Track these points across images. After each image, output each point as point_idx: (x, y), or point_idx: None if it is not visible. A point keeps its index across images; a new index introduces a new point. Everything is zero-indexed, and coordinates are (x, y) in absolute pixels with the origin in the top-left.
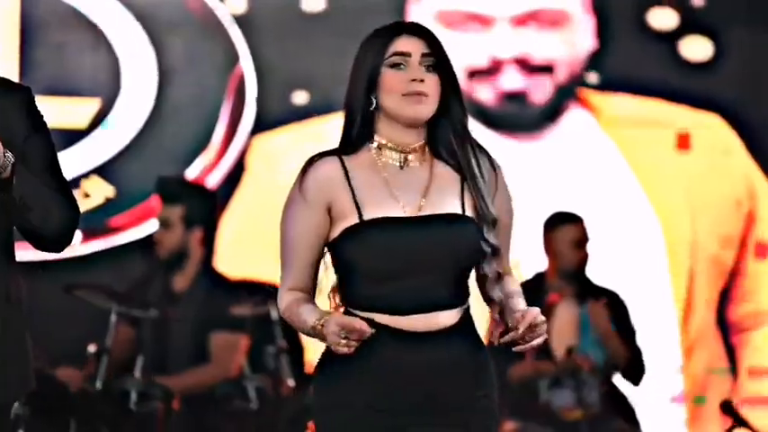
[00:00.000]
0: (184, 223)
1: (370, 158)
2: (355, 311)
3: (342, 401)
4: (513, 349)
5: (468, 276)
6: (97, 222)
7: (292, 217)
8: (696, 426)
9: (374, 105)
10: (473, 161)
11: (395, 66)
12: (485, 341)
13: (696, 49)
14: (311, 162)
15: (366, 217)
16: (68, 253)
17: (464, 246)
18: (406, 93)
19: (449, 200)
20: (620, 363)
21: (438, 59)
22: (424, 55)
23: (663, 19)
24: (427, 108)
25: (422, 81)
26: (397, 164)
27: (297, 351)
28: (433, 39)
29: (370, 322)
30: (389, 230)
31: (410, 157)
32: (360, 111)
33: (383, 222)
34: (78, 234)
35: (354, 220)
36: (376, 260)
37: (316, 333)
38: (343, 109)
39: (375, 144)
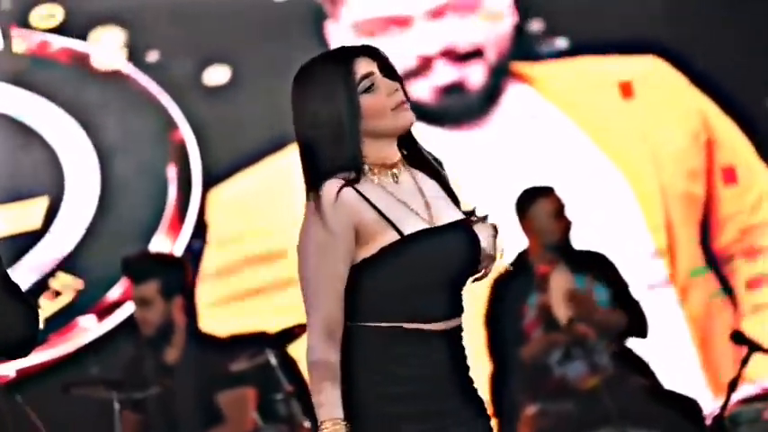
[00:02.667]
0: (163, 296)
1: (367, 179)
2: (377, 323)
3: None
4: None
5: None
6: (71, 319)
7: (318, 253)
8: (708, 362)
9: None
10: (435, 161)
11: (368, 90)
12: None
13: None
14: (320, 191)
15: (406, 232)
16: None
17: (478, 248)
18: (394, 107)
19: (446, 205)
20: (620, 327)
21: (390, 68)
22: (380, 68)
23: None
24: (411, 112)
25: (396, 90)
26: (392, 180)
27: (305, 391)
28: (375, 51)
29: (400, 329)
30: (427, 241)
31: (396, 171)
32: (350, 136)
33: (420, 235)
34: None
35: (392, 237)
36: (420, 270)
37: (320, 429)
38: (312, 142)
39: (366, 168)
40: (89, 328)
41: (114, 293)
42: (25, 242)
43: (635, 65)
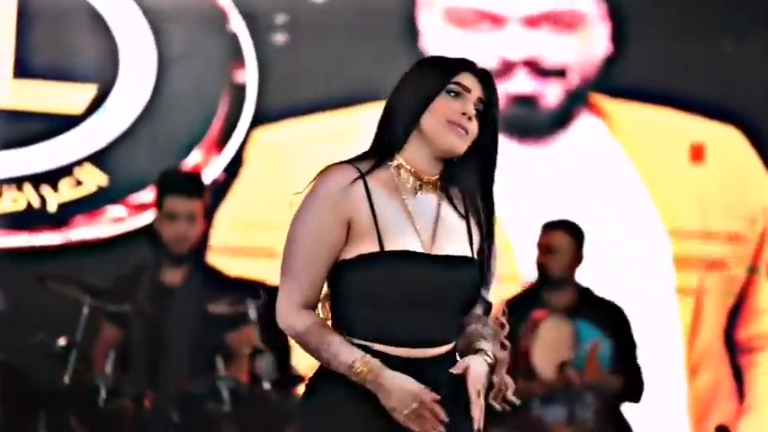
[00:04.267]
0: (205, 218)
1: (389, 177)
2: (349, 337)
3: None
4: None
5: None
6: (88, 211)
7: (310, 225)
8: None
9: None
10: (493, 219)
11: (452, 93)
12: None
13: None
14: (331, 171)
15: (387, 248)
16: (53, 241)
17: (472, 290)
18: (452, 121)
19: (457, 239)
20: (618, 390)
21: (492, 107)
22: (479, 99)
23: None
24: (463, 145)
25: (470, 119)
26: (413, 188)
27: (281, 353)
28: (493, 88)
29: (366, 349)
30: (408, 265)
31: (421, 185)
32: (403, 127)
33: (403, 256)
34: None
35: (374, 247)
36: (390, 291)
37: (352, 372)
38: (383, 119)
39: (395, 163)
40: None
41: (135, 198)
42: (62, 123)
43: (712, 130)
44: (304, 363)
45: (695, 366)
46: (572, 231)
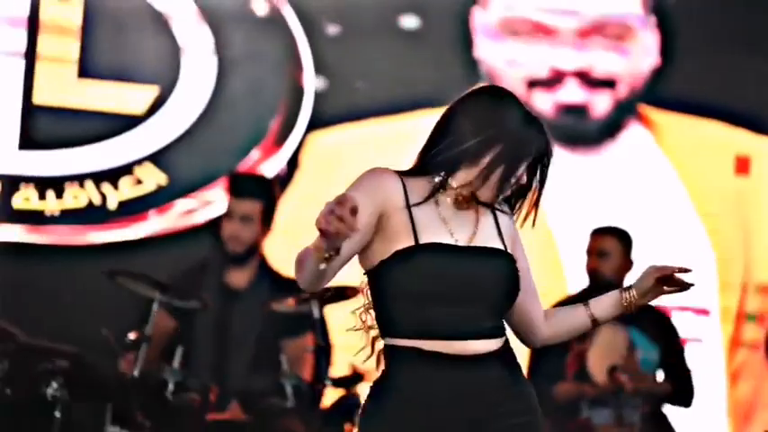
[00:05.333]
0: (262, 219)
1: (428, 188)
2: (395, 340)
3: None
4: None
5: (506, 312)
6: (147, 208)
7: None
8: None
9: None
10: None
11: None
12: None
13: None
14: (375, 168)
15: (422, 241)
16: (116, 237)
17: (509, 281)
18: (502, 192)
19: (492, 236)
20: (668, 395)
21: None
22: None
23: (724, 38)
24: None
25: (519, 188)
26: (452, 201)
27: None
28: (548, 140)
29: (414, 350)
30: (443, 256)
31: (462, 203)
32: (461, 160)
33: (437, 248)
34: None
35: (409, 242)
36: (427, 284)
37: (315, 248)
38: (440, 138)
39: (439, 179)
40: (158, 222)
41: (194, 198)
42: (124, 123)
43: (758, 144)
44: (366, 362)
45: (735, 374)
46: (622, 237)
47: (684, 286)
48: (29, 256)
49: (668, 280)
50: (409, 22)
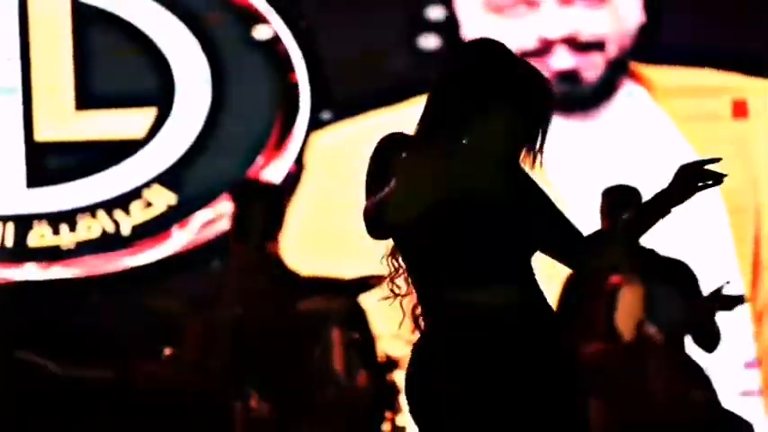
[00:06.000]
0: (278, 222)
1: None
2: (426, 290)
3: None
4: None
5: (530, 257)
6: (161, 230)
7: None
8: None
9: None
10: None
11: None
12: None
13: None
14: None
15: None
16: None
17: (516, 237)
18: None
19: None
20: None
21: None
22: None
23: None
24: None
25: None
26: None
27: (369, 342)
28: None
29: (441, 300)
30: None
31: None
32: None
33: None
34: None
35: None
36: (440, 233)
37: None
38: (442, 106)
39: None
40: (178, 240)
41: (206, 213)
42: (127, 148)
43: (753, 85)
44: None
45: (760, 314)
46: (635, 195)
47: (718, 179)
48: (54, 291)
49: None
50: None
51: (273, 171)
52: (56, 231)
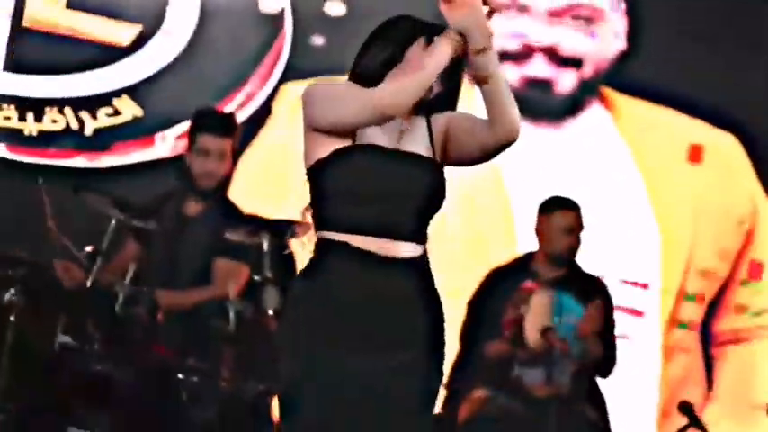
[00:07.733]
0: (233, 156)
1: None
2: (326, 233)
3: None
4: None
5: (430, 218)
6: (123, 138)
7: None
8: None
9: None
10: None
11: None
12: None
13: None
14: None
15: (358, 142)
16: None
17: (434, 189)
18: None
19: (423, 144)
20: (593, 358)
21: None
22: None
23: (689, 29)
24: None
25: None
26: None
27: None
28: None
29: (342, 244)
30: (378, 157)
31: None
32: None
33: (373, 149)
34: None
35: (347, 143)
36: (361, 182)
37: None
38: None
39: None
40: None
41: (168, 132)
42: (107, 56)
43: (712, 135)
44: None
45: (670, 351)
46: (577, 210)
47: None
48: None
49: None
50: None
51: (241, 111)
52: (22, 117)
